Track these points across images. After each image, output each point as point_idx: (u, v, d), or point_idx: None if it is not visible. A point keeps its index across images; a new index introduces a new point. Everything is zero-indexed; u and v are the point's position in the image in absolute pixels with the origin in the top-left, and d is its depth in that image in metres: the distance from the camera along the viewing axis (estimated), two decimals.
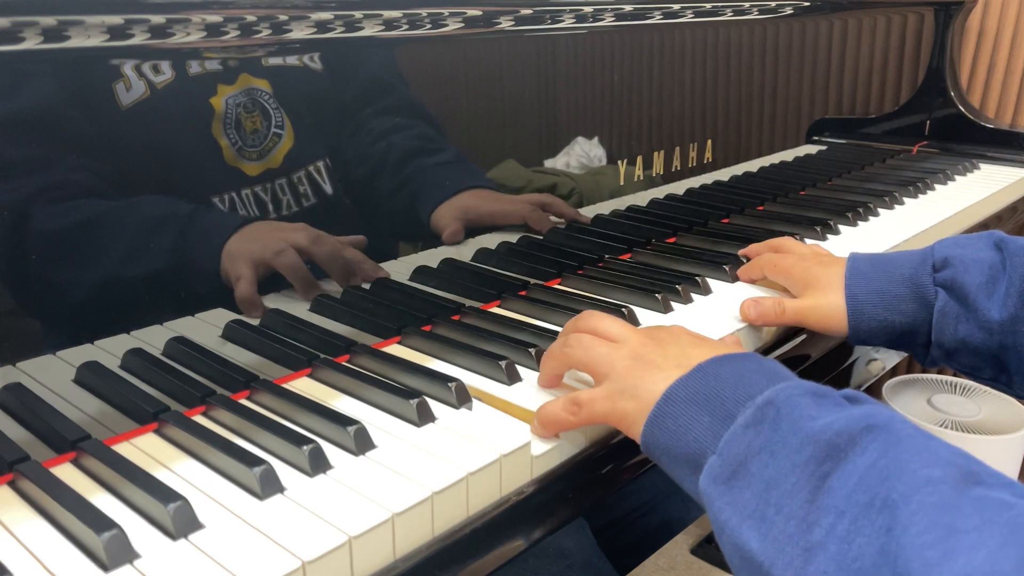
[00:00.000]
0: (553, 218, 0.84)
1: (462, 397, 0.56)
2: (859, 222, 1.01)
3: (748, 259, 0.82)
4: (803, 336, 0.74)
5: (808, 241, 0.92)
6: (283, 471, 0.48)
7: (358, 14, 0.60)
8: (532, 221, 0.81)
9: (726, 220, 1.01)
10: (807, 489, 0.40)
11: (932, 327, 0.65)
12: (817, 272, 0.70)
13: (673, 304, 0.74)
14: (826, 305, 0.68)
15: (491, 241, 0.79)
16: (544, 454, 0.52)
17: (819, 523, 0.39)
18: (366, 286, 0.68)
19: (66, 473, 0.49)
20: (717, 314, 0.72)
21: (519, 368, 0.60)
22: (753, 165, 1.12)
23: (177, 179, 0.57)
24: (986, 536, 0.34)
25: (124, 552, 0.41)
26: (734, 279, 0.80)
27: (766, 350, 0.72)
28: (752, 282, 0.79)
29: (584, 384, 0.58)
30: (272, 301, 0.63)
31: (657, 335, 0.54)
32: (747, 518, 0.42)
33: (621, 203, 0.92)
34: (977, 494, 0.36)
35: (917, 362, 0.69)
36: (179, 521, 0.43)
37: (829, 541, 0.38)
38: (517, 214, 0.80)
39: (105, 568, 0.40)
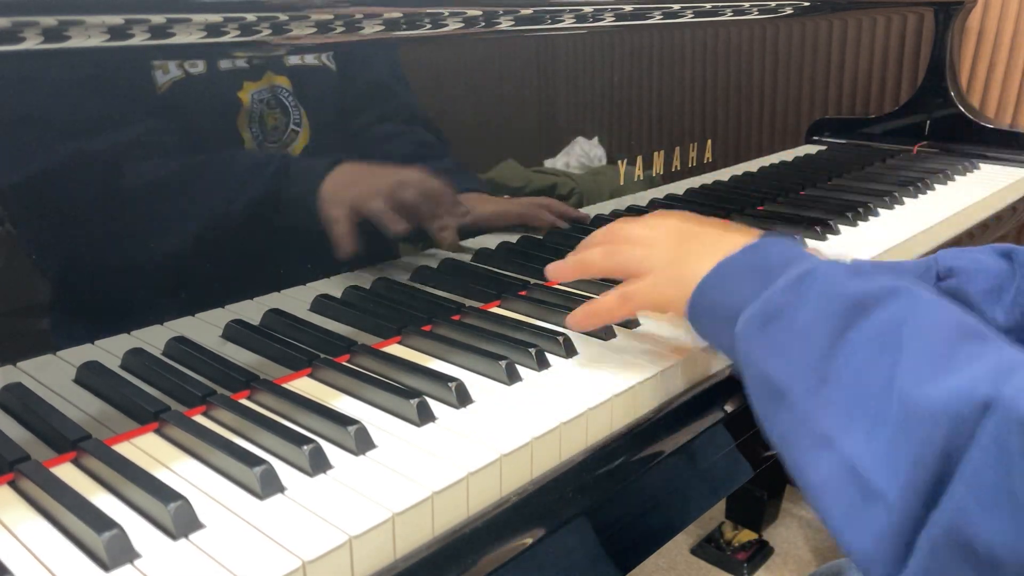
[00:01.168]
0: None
1: (462, 397, 0.56)
2: (859, 222, 1.01)
3: None
4: None
5: (808, 242, 0.92)
6: (283, 471, 0.48)
7: (358, 14, 0.60)
8: (530, 219, 0.81)
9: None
10: (832, 334, 0.45)
11: None
12: None
13: None
14: None
15: (491, 241, 0.79)
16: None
17: (836, 357, 0.44)
18: (366, 286, 0.68)
19: (66, 473, 0.49)
20: None
21: (519, 368, 0.60)
22: (753, 165, 1.12)
23: (200, 171, 0.57)
24: (976, 367, 0.39)
25: (125, 552, 0.41)
26: None
27: None
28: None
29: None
30: (272, 301, 0.63)
31: (683, 232, 0.61)
32: (773, 353, 0.47)
33: (621, 203, 0.92)
34: (977, 342, 0.41)
35: None
36: (180, 521, 0.43)
37: (844, 372, 0.44)
38: (514, 214, 0.80)
39: (106, 568, 0.40)
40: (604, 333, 0.67)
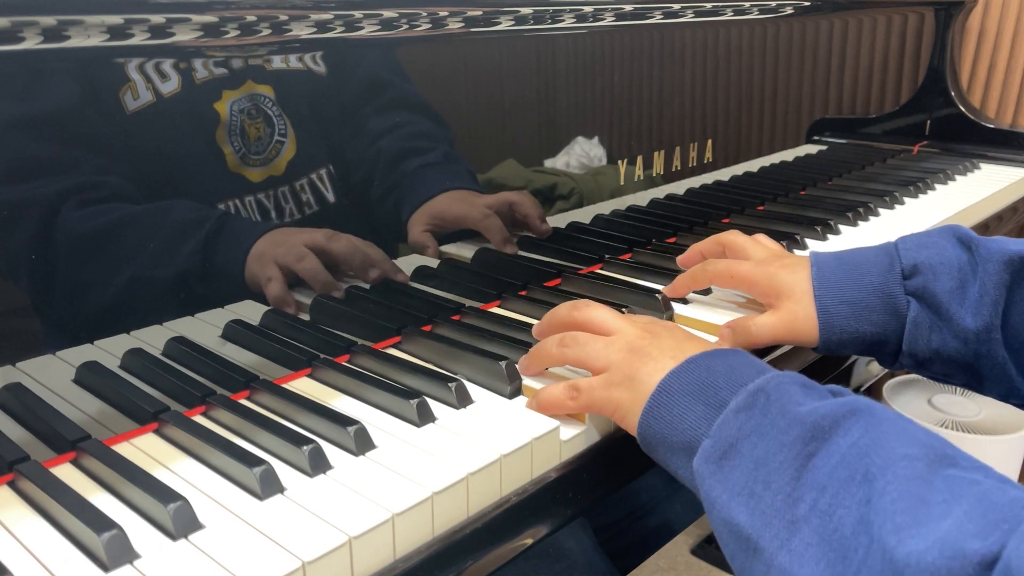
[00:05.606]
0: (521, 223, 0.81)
1: (462, 397, 0.56)
2: (859, 222, 1.01)
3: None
4: None
5: (808, 241, 0.92)
6: (283, 471, 0.48)
7: (358, 14, 0.60)
8: (483, 229, 0.77)
9: (726, 220, 1.01)
10: (793, 467, 0.42)
11: (904, 337, 0.63)
12: (787, 279, 0.65)
13: (673, 304, 0.74)
14: (803, 318, 0.64)
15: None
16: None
17: (803, 498, 0.41)
18: (366, 286, 0.68)
19: (66, 473, 0.49)
20: (717, 315, 0.72)
21: (519, 368, 0.60)
22: (753, 165, 1.12)
23: (181, 186, 0.57)
24: (954, 507, 0.36)
25: (124, 552, 0.41)
26: None
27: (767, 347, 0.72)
28: (685, 295, 0.74)
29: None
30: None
31: (652, 328, 0.56)
32: (737, 495, 0.43)
33: (621, 203, 0.92)
34: (949, 473, 0.38)
35: (883, 367, 0.67)
36: (179, 521, 0.43)
37: (812, 515, 0.40)
38: (475, 219, 0.76)
39: (105, 568, 0.40)
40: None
